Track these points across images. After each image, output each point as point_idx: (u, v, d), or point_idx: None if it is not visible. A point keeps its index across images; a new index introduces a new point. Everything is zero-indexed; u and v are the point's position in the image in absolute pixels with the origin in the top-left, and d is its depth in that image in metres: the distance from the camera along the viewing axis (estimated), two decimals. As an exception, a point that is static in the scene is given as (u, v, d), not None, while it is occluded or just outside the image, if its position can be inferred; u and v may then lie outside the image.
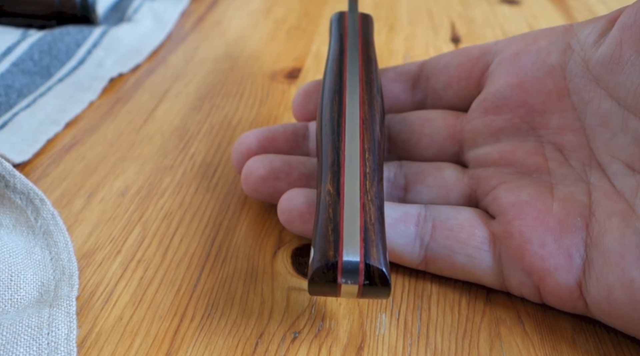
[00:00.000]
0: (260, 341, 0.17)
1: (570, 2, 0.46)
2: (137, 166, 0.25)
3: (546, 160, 0.19)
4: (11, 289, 0.17)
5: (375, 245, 0.16)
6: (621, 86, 0.17)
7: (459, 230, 0.19)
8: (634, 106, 0.17)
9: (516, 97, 0.20)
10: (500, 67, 0.21)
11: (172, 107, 0.29)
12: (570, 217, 0.17)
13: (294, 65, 0.34)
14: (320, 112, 0.21)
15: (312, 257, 0.16)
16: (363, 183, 0.17)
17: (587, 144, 0.18)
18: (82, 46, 0.32)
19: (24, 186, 0.21)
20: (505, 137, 0.20)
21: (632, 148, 0.17)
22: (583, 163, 0.18)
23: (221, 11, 0.41)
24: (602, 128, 0.18)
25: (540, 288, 0.18)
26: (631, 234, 0.16)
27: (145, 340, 0.17)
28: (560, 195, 0.18)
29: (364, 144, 0.19)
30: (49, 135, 0.26)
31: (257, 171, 0.21)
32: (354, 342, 0.17)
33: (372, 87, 0.21)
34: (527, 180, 0.19)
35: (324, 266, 0.16)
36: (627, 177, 0.17)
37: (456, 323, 0.18)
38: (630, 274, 0.16)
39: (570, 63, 0.19)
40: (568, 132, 0.19)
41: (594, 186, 0.18)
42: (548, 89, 0.19)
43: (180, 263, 0.20)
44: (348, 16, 0.25)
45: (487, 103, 0.21)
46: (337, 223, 0.16)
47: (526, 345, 0.17)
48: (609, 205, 0.17)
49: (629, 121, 0.17)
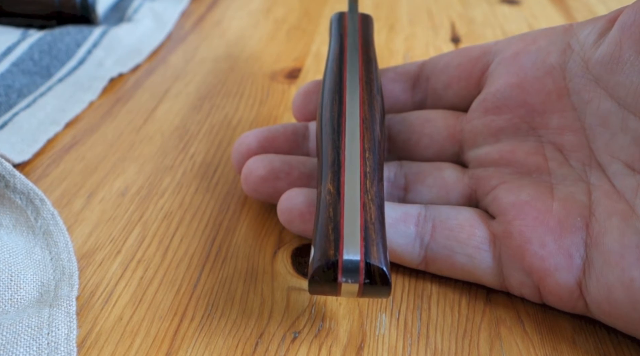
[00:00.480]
0: (260, 341, 0.17)
1: (570, 2, 0.46)
2: (137, 166, 0.25)
3: (546, 160, 0.19)
4: (11, 289, 0.17)
5: (375, 244, 0.16)
6: (621, 86, 0.17)
7: (459, 230, 0.19)
8: (633, 106, 0.17)
9: (516, 97, 0.20)
10: (500, 67, 0.21)
11: (172, 107, 0.29)
12: (570, 217, 0.17)
13: (294, 65, 0.34)
14: (320, 111, 0.21)
15: (313, 256, 0.16)
16: (363, 183, 0.17)
17: (587, 144, 0.18)
18: (82, 46, 0.32)
19: (24, 186, 0.21)
20: (505, 137, 0.20)
21: (632, 148, 0.17)
22: (583, 163, 0.18)
23: (221, 11, 0.41)
24: (602, 128, 0.18)
25: (540, 288, 0.18)
26: (631, 234, 0.16)
27: (145, 340, 0.17)
28: (560, 195, 0.18)
29: (364, 144, 0.19)
30: (49, 135, 0.26)
31: (257, 171, 0.21)
32: (354, 342, 0.17)
33: (372, 87, 0.21)
34: (527, 180, 0.19)
35: (324, 265, 0.16)
36: (627, 176, 0.17)
37: (456, 323, 0.18)
38: (630, 274, 0.16)
39: (570, 63, 0.19)
40: (568, 132, 0.19)
41: (594, 186, 0.18)
42: (548, 89, 0.19)
43: (180, 263, 0.20)
44: (348, 16, 0.25)
45: (487, 103, 0.21)
46: (338, 222, 0.16)
47: (526, 345, 0.17)
48: (609, 205, 0.17)
49: (628, 121, 0.17)
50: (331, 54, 0.23)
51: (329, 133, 0.19)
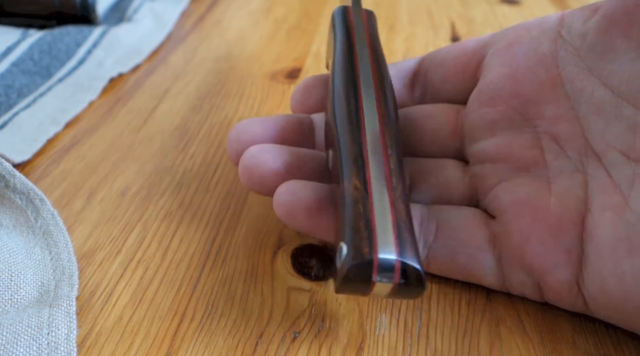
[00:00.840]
0: (260, 341, 0.17)
1: (570, 2, 0.46)
2: (137, 166, 0.25)
3: (542, 152, 0.19)
4: (11, 289, 0.17)
5: (409, 243, 0.16)
6: (614, 74, 0.17)
7: (460, 231, 0.19)
8: (627, 94, 0.17)
9: (509, 87, 0.20)
10: (494, 58, 0.21)
11: (172, 107, 0.29)
12: (568, 212, 0.17)
13: (294, 65, 0.34)
14: (333, 104, 0.20)
15: (345, 254, 0.15)
16: (389, 180, 0.17)
17: (582, 133, 0.18)
18: (82, 46, 0.32)
19: (24, 186, 0.21)
20: (501, 130, 0.20)
21: (626, 136, 0.17)
22: (579, 153, 0.18)
23: (221, 11, 0.41)
24: (596, 117, 0.18)
25: (541, 286, 0.18)
26: (622, 227, 0.16)
27: (145, 340, 0.17)
28: (557, 189, 0.18)
29: (385, 140, 0.18)
30: (49, 135, 0.26)
31: (267, 163, 0.19)
32: (354, 342, 0.17)
33: (385, 83, 0.21)
34: (524, 177, 0.19)
35: (358, 263, 0.15)
36: (623, 165, 0.17)
37: (456, 323, 0.18)
38: (621, 266, 0.16)
39: (562, 51, 0.19)
40: (563, 121, 0.19)
41: (591, 177, 0.18)
42: (541, 79, 0.19)
43: (180, 263, 0.20)
44: (353, 11, 0.25)
45: (481, 95, 0.21)
46: (369, 220, 0.16)
47: (526, 345, 0.17)
48: (604, 198, 0.17)
49: (622, 109, 0.17)
50: (339, 47, 0.22)
51: (348, 127, 0.18)
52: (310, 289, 0.19)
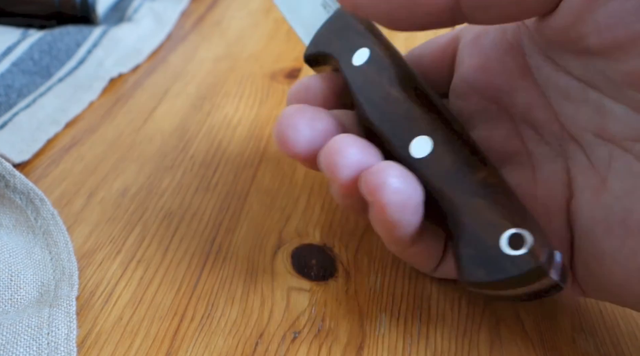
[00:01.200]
0: (260, 341, 0.17)
1: None
2: (137, 166, 0.25)
3: (523, 141, 0.19)
4: (11, 289, 0.17)
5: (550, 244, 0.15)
6: (571, 63, 0.17)
7: None
8: (591, 82, 0.17)
9: (481, 79, 0.20)
10: (464, 51, 0.21)
11: (172, 107, 0.29)
12: (554, 198, 0.18)
13: (294, 65, 0.34)
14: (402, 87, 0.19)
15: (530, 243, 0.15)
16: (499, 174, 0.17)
17: (556, 118, 0.18)
18: (82, 46, 0.32)
19: (24, 186, 0.21)
20: (479, 122, 0.20)
21: (596, 118, 0.17)
22: (557, 138, 0.18)
23: (221, 11, 0.41)
24: (566, 102, 0.18)
25: None
26: (600, 208, 0.16)
27: (145, 340, 0.17)
28: (542, 176, 0.18)
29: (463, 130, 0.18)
30: (49, 135, 0.26)
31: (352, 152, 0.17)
32: (354, 342, 0.17)
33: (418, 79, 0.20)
34: (508, 167, 0.19)
35: (547, 255, 0.15)
36: (599, 146, 0.17)
37: (456, 323, 0.18)
38: (601, 247, 0.16)
39: (524, 39, 0.19)
40: (536, 108, 0.19)
41: (571, 160, 0.18)
42: (509, 67, 0.19)
43: (180, 263, 0.20)
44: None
45: (456, 89, 0.21)
46: (532, 216, 0.16)
47: (526, 345, 0.17)
48: (584, 180, 0.17)
49: (588, 93, 0.17)
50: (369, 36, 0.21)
51: (431, 114, 0.18)
52: (310, 289, 0.19)
